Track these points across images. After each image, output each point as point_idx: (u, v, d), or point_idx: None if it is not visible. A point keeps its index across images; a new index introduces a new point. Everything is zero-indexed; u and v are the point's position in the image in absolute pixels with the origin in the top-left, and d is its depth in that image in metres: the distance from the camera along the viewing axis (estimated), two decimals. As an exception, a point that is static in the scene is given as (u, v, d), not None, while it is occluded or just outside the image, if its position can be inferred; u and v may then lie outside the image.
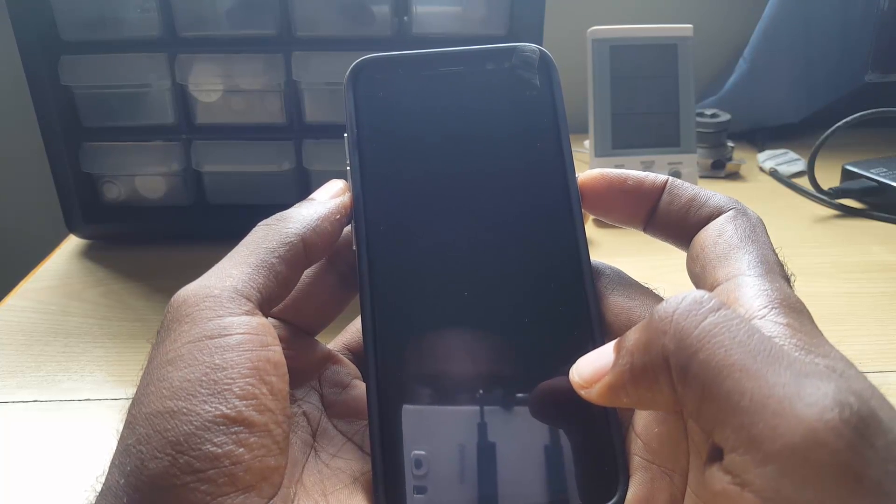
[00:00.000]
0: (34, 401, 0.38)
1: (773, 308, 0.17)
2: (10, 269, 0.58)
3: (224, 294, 0.19)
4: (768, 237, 0.20)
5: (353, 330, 0.25)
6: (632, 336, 0.18)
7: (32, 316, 0.46)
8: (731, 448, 0.15)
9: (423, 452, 0.20)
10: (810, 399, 0.14)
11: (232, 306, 0.19)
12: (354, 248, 0.22)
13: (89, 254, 0.55)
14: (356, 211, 0.23)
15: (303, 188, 0.54)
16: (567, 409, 0.20)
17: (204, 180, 0.55)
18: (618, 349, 0.18)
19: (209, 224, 0.55)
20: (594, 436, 0.20)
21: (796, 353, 0.16)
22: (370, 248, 0.22)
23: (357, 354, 0.25)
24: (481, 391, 0.21)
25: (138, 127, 0.52)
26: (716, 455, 0.16)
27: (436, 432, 0.20)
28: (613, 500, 0.19)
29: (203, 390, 0.17)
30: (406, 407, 0.21)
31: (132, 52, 0.50)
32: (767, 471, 0.14)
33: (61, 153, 0.51)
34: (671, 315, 0.17)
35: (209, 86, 0.51)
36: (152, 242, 0.55)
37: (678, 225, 0.22)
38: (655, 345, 0.17)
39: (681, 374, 0.16)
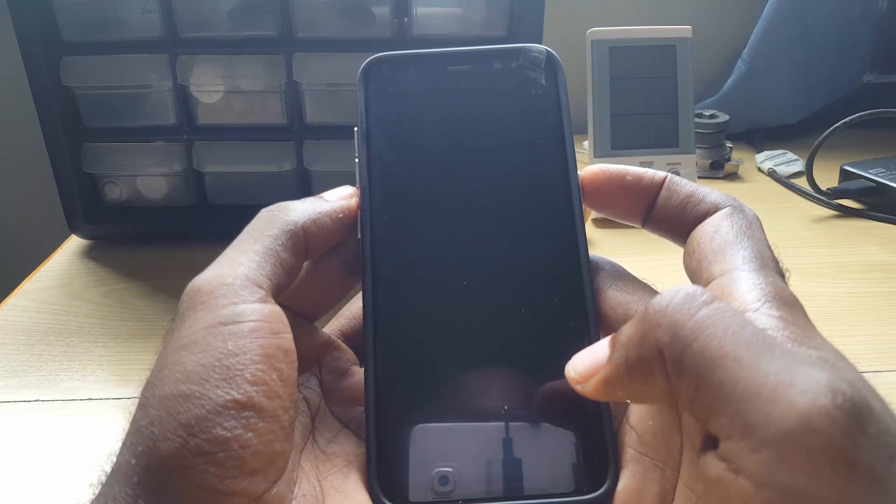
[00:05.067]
0: (36, 400, 0.38)
1: (766, 301, 0.18)
2: (12, 269, 0.59)
3: (237, 282, 0.19)
4: (764, 234, 0.21)
5: (348, 315, 0.26)
6: (626, 330, 0.18)
7: (34, 316, 0.47)
8: (725, 436, 0.15)
9: (415, 437, 0.21)
10: (804, 386, 0.15)
11: (245, 294, 0.19)
12: (359, 235, 0.23)
13: (91, 254, 0.55)
14: (363, 201, 0.23)
15: (303, 189, 0.54)
16: (560, 400, 0.21)
17: (205, 181, 0.55)
18: (613, 344, 0.18)
19: (210, 224, 0.55)
20: (585, 427, 0.21)
21: (789, 345, 0.16)
22: (374, 237, 0.23)
23: (352, 339, 0.25)
24: (475, 380, 0.21)
25: (140, 127, 0.53)
26: (710, 444, 0.16)
27: (428, 418, 0.21)
28: (602, 489, 0.20)
29: (216, 375, 0.17)
30: (400, 391, 0.21)
31: (133, 52, 0.50)
32: (762, 457, 0.14)
33: (63, 153, 0.51)
34: (665, 308, 0.17)
35: (210, 87, 0.51)
36: (154, 242, 0.55)
37: (676, 221, 0.22)
38: (650, 338, 0.17)
39: (675, 365, 0.16)
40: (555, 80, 0.25)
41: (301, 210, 0.22)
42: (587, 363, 0.19)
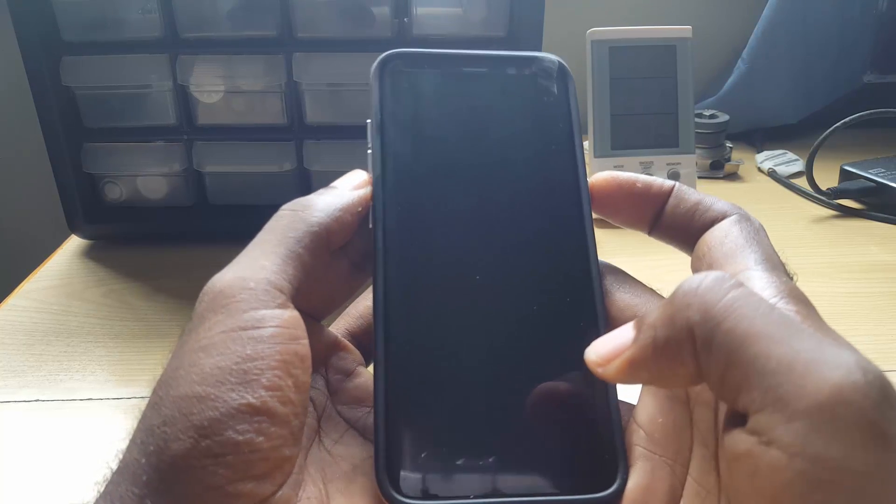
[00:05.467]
0: (36, 400, 0.38)
1: (782, 298, 0.18)
2: (12, 269, 0.59)
3: (259, 287, 0.19)
4: (770, 241, 0.21)
5: (354, 314, 0.26)
6: (653, 313, 0.18)
7: (34, 316, 0.47)
8: (756, 409, 0.15)
9: (424, 432, 0.20)
10: (835, 362, 0.15)
11: (266, 299, 0.19)
12: (371, 226, 0.23)
13: (91, 254, 0.55)
14: (375, 193, 0.23)
15: (303, 189, 0.54)
16: (569, 399, 0.21)
17: (205, 181, 0.55)
18: (638, 326, 0.18)
19: (210, 224, 0.55)
20: (595, 426, 0.21)
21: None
22: (386, 231, 0.23)
23: (358, 339, 0.25)
24: (486, 378, 0.21)
25: (140, 127, 0.53)
26: (737, 421, 0.16)
27: (437, 413, 0.21)
28: (612, 488, 0.20)
29: (232, 379, 0.17)
30: (410, 385, 0.21)
31: (133, 52, 0.50)
32: (795, 427, 0.15)
33: (63, 154, 0.51)
34: (696, 289, 0.17)
35: (210, 87, 0.51)
36: (154, 242, 0.55)
37: (683, 227, 0.22)
38: (680, 318, 0.17)
39: (705, 343, 0.16)
40: (566, 90, 0.25)
41: (323, 209, 0.22)
42: (609, 346, 0.19)
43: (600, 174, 0.24)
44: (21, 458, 0.34)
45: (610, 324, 0.22)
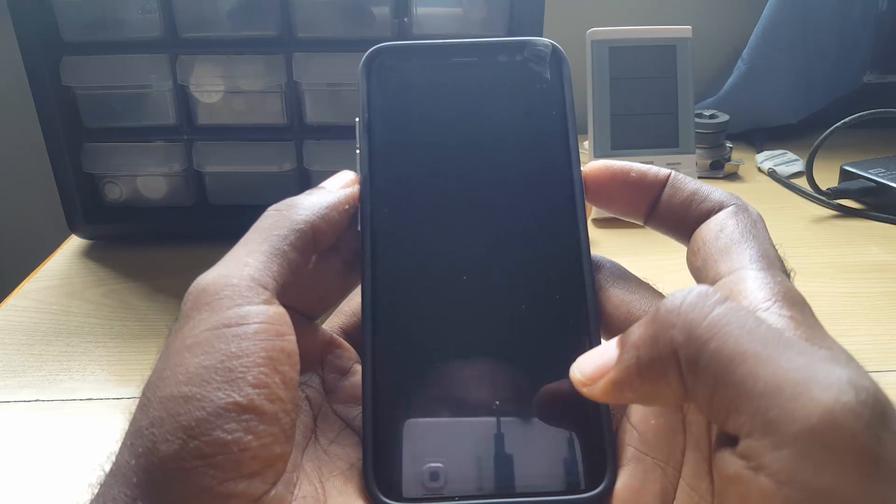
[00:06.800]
0: (36, 400, 0.38)
1: (776, 301, 0.18)
2: (12, 269, 0.59)
3: (242, 283, 0.19)
4: (768, 233, 0.21)
5: (348, 311, 0.25)
6: (636, 331, 0.18)
7: (34, 316, 0.47)
8: (746, 433, 0.15)
9: (412, 432, 0.20)
10: (826, 382, 0.14)
11: (250, 295, 0.19)
12: (359, 227, 0.23)
13: (91, 254, 0.55)
14: (363, 192, 0.23)
15: (303, 188, 0.53)
16: (556, 399, 0.21)
17: (205, 181, 0.55)
18: (622, 345, 0.18)
19: (210, 224, 0.55)
20: (584, 425, 0.21)
21: (803, 343, 0.16)
22: (374, 229, 0.22)
23: (352, 336, 0.25)
24: (474, 377, 0.21)
25: (140, 127, 0.53)
26: (727, 441, 0.16)
27: (426, 413, 0.21)
28: (600, 488, 0.20)
29: (218, 377, 0.17)
30: (398, 386, 0.21)
31: (133, 52, 0.50)
32: (784, 454, 0.14)
33: (63, 153, 0.51)
34: (678, 308, 0.17)
35: (210, 87, 0.51)
36: (154, 242, 0.55)
37: (679, 218, 0.22)
38: (663, 338, 0.17)
39: (691, 365, 0.16)
40: (559, 75, 0.24)
41: (309, 207, 0.22)
42: (594, 365, 0.18)
43: (594, 163, 0.23)
44: (21, 458, 0.34)
45: (603, 320, 0.22)
